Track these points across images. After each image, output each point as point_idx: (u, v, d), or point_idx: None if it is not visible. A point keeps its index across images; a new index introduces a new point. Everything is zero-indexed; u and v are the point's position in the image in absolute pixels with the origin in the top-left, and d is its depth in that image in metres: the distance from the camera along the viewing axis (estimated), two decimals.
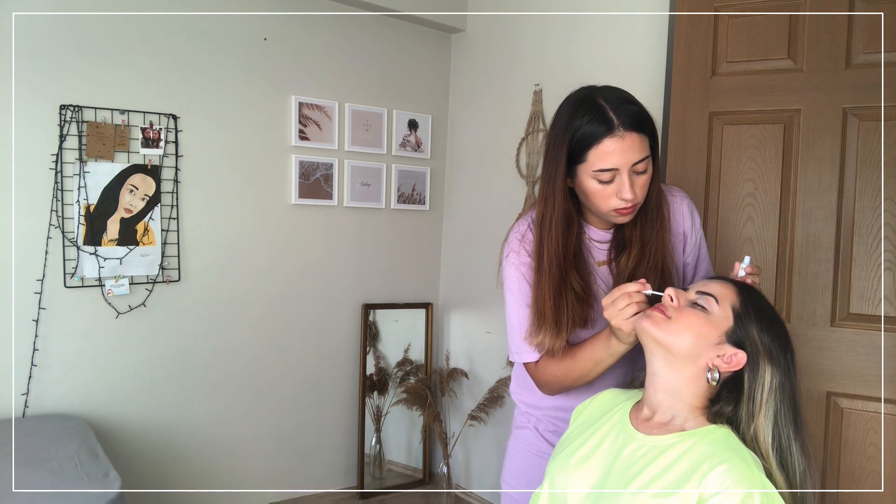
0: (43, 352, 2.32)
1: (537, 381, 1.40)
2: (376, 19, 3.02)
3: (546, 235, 1.31)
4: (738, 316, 1.09)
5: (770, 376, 1.06)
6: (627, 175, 1.21)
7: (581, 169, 1.24)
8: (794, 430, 1.06)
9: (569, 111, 1.25)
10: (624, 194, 1.22)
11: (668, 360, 1.10)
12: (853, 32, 1.72)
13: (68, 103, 2.32)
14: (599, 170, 1.21)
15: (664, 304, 1.13)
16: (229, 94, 2.67)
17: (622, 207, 1.24)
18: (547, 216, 1.30)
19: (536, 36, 2.86)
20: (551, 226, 1.30)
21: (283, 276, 2.86)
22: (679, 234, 1.42)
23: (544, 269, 1.31)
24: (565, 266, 1.31)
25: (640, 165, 1.22)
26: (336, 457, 3.09)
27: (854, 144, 1.73)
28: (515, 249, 1.38)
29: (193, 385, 2.66)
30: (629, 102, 1.23)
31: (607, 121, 1.19)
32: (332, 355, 3.03)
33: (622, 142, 1.19)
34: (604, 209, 1.26)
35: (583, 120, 1.21)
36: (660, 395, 1.12)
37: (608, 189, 1.23)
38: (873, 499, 1.70)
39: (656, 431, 1.10)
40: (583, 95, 1.25)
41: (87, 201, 2.36)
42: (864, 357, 1.71)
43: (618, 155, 1.20)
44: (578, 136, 1.21)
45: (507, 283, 1.39)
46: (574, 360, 1.31)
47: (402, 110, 3.15)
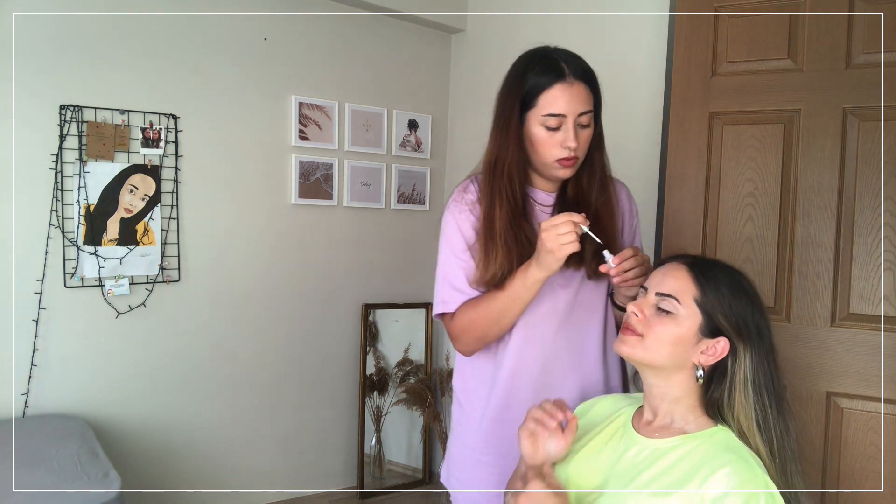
0: (43, 352, 2.32)
1: (454, 331, 1.40)
2: (376, 19, 3.02)
3: (500, 177, 1.34)
4: (702, 307, 1.08)
5: (742, 350, 1.07)
6: (573, 124, 1.29)
7: (530, 115, 1.31)
8: (773, 395, 1.07)
9: (523, 63, 1.34)
10: (568, 142, 1.29)
11: (657, 373, 1.11)
12: (853, 32, 1.72)
13: (68, 103, 2.32)
14: (548, 114, 1.28)
15: (631, 322, 1.13)
16: (229, 94, 2.67)
17: (565, 157, 1.30)
18: (501, 159, 1.35)
19: (536, 36, 2.84)
20: (505, 168, 1.34)
21: (283, 277, 2.86)
22: (618, 215, 1.48)
23: (497, 204, 1.34)
24: (514, 215, 1.34)
25: (584, 118, 1.30)
26: (336, 457, 3.08)
27: (854, 144, 1.72)
28: (456, 199, 1.42)
29: (193, 385, 2.66)
30: (579, 58, 1.33)
31: (558, 69, 1.29)
32: (332, 355, 3.03)
33: (571, 89, 1.28)
34: (548, 159, 1.32)
35: (536, 69, 1.30)
36: (657, 402, 1.13)
37: (554, 137, 1.30)
38: (873, 499, 1.70)
39: (658, 434, 1.10)
40: (536, 50, 1.36)
41: (87, 201, 2.36)
42: (864, 357, 1.71)
43: (566, 101, 1.28)
44: (531, 82, 1.30)
45: (443, 233, 1.42)
46: (491, 300, 1.33)
47: (402, 110, 3.15)
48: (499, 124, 1.36)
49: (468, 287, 1.37)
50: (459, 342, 1.40)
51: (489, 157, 1.37)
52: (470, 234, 1.38)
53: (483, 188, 1.37)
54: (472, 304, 1.36)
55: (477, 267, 1.36)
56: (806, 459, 1.75)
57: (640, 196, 2.50)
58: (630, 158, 2.55)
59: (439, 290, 1.41)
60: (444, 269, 1.41)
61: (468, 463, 1.48)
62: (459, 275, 1.38)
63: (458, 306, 1.38)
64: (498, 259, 1.32)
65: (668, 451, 1.06)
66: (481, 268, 1.34)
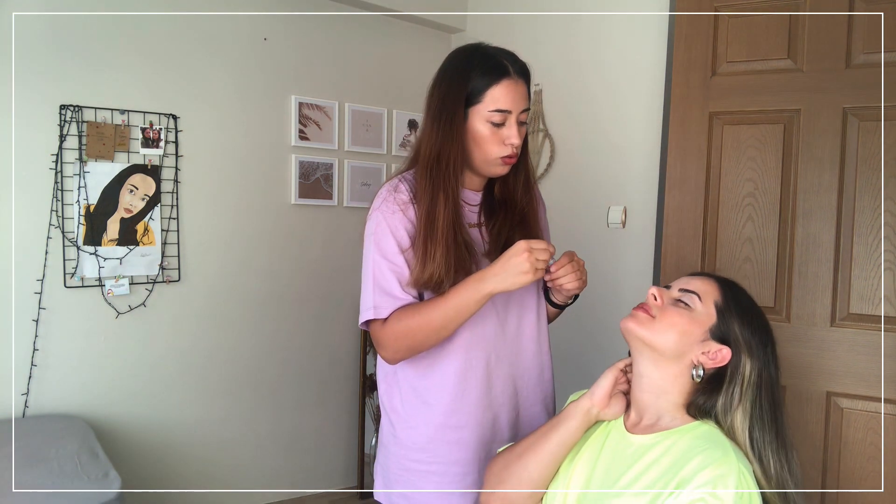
0: (43, 352, 2.32)
1: (385, 339, 1.31)
2: (376, 19, 3.02)
3: (443, 172, 1.30)
4: (720, 312, 1.10)
5: (749, 369, 1.08)
6: (515, 121, 1.31)
7: (473, 112, 1.30)
8: (773, 421, 1.07)
9: (461, 59, 1.34)
10: (512, 138, 1.30)
11: (655, 360, 1.11)
12: (853, 32, 1.72)
13: (68, 103, 2.32)
14: (495, 110, 1.29)
15: (648, 303, 1.14)
16: (229, 94, 2.67)
17: (508, 155, 1.32)
18: (445, 153, 1.30)
19: (536, 36, 2.86)
20: (449, 163, 1.31)
21: (283, 276, 2.86)
22: (541, 213, 1.50)
23: (440, 201, 1.29)
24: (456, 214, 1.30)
25: (524, 115, 1.33)
26: (336, 457, 3.09)
27: (854, 144, 1.73)
28: (387, 200, 1.35)
29: (193, 385, 2.66)
30: (517, 57, 1.35)
31: (502, 66, 1.30)
32: (332, 355, 3.03)
33: (516, 87, 1.30)
34: (491, 155, 1.32)
35: (478, 66, 1.30)
36: (646, 397, 1.13)
37: (498, 134, 1.30)
38: (873, 499, 1.70)
39: (643, 433, 1.11)
40: (472, 47, 1.36)
41: (87, 201, 2.36)
42: (864, 357, 1.71)
43: (511, 97, 1.29)
44: (476, 77, 1.29)
45: (373, 236, 1.35)
46: (432, 309, 1.27)
47: (402, 110, 3.15)
48: (441, 118, 1.31)
49: (401, 291, 1.30)
50: (388, 350, 1.32)
51: (430, 152, 1.32)
52: (402, 235, 1.32)
53: (422, 184, 1.31)
54: (408, 311, 1.29)
55: (412, 269, 1.30)
56: (806, 459, 1.75)
57: (640, 196, 2.52)
58: (630, 158, 2.55)
59: (368, 296, 1.33)
60: (374, 272, 1.33)
61: (413, 476, 1.38)
62: (391, 278, 1.31)
63: (390, 312, 1.30)
64: (436, 259, 1.27)
65: (651, 446, 1.07)
66: (418, 269, 1.29)
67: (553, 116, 2.82)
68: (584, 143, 2.71)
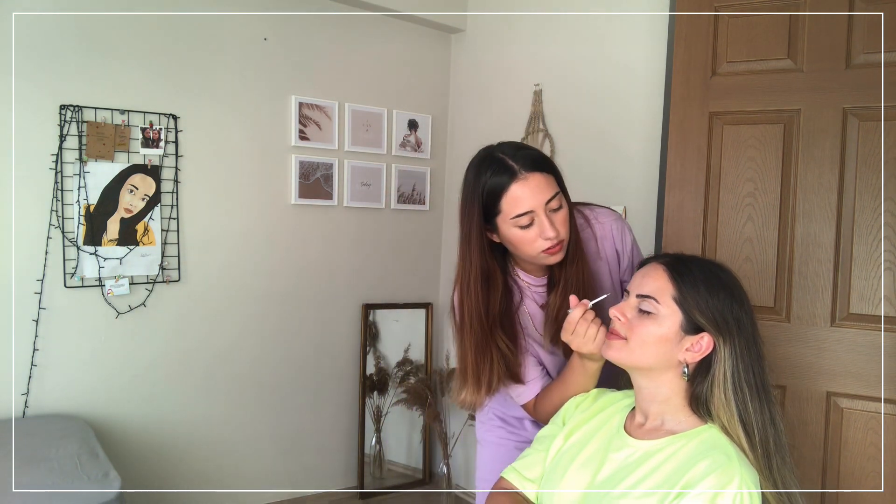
0: (43, 352, 2.32)
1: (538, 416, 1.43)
2: (376, 19, 3.02)
3: (466, 294, 1.34)
4: (680, 305, 1.09)
5: (723, 345, 1.07)
6: (545, 214, 1.26)
7: (500, 220, 1.29)
8: (756, 390, 1.07)
9: (474, 171, 1.31)
10: (547, 233, 1.26)
11: (646, 374, 1.13)
12: (853, 32, 1.72)
13: (68, 103, 2.32)
14: (516, 215, 1.26)
15: (615, 327, 1.14)
16: (229, 94, 2.67)
17: (549, 247, 1.28)
18: (465, 274, 1.34)
19: (536, 36, 2.86)
20: (469, 284, 1.33)
21: (283, 276, 2.86)
22: (613, 255, 1.46)
23: (466, 327, 1.35)
24: (488, 323, 1.34)
25: (553, 203, 1.27)
26: (336, 457, 3.08)
27: (854, 144, 1.72)
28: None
29: (193, 385, 2.66)
30: (525, 149, 1.30)
31: (508, 168, 1.26)
32: (332, 355, 3.03)
33: (528, 183, 1.25)
34: (532, 253, 1.30)
35: (487, 174, 1.27)
36: (647, 403, 1.14)
37: (530, 233, 1.27)
38: (873, 499, 1.70)
39: (648, 436, 1.11)
40: (482, 155, 1.32)
41: (87, 201, 2.36)
42: (864, 357, 1.71)
43: (528, 197, 1.25)
44: (487, 189, 1.27)
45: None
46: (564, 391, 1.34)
47: (402, 110, 3.15)
48: (462, 237, 1.35)
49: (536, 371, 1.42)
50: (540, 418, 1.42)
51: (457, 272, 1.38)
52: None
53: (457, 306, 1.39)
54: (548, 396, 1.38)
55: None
56: (805, 459, 1.75)
57: (640, 196, 2.51)
58: (630, 158, 2.55)
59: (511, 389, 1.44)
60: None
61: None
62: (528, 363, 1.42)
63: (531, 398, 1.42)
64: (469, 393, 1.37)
65: (656, 451, 1.07)
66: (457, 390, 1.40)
67: (553, 116, 2.81)
68: (584, 143, 2.71)
